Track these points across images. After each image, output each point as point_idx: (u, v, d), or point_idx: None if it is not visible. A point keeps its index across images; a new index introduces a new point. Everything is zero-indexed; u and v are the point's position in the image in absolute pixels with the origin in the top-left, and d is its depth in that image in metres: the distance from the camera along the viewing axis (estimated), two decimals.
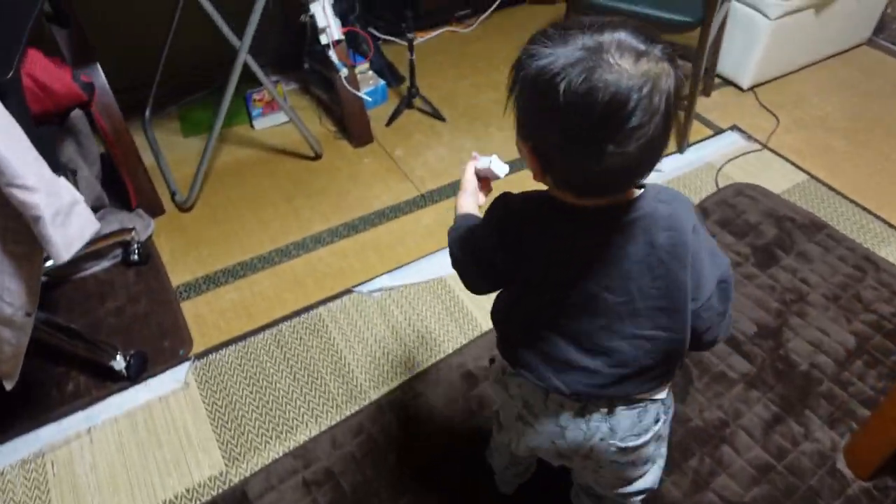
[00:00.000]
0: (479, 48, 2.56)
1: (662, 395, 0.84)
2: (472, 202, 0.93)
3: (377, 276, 1.67)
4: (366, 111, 2.09)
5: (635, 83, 0.59)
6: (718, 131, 2.15)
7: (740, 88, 2.30)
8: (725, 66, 2.29)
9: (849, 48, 2.50)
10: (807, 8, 2.15)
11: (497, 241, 0.79)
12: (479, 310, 1.58)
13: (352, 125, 2.08)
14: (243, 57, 1.76)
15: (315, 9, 1.84)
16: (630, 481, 0.93)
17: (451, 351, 1.50)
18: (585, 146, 0.62)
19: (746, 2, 2.13)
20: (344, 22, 1.98)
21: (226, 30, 1.72)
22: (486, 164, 0.92)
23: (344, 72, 1.94)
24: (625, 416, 0.82)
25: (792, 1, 2.09)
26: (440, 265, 1.70)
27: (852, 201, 1.87)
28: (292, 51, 2.26)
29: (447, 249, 0.90)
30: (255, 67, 1.81)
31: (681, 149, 2.06)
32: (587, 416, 0.82)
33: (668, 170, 1.99)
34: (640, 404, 0.82)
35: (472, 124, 2.19)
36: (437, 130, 2.17)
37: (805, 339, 1.53)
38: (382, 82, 2.25)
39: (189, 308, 1.60)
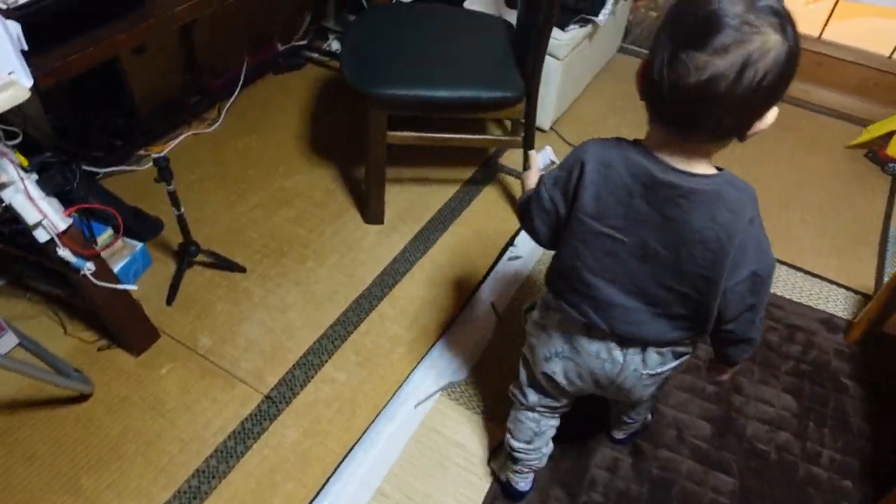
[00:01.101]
0: (236, 149, 2.02)
1: (689, 349, 0.97)
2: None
3: None
4: (135, 301, 1.46)
5: (733, 15, 0.68)
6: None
7: (543, 130, 2.16)
8: None
9: (609, 60, 2.52)
10: (583, 39, 2.06)
11: (566, 177, 0.87)
12: None
13: (122, 327, 1.44)
14: None
15: (11, 196, 1.17)
16: (641, 401, 1.17)
17: None
18: (683, 48, 0.69)
19: None
20: (66, 197, 1.31)
21: None
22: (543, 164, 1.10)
23: (88, 267, 1.30)
24: (654, 354, 0.95)
25: (575, 37, 1.97)
26: None
27: None
28: None
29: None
30: None
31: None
32: (624, 350, 0.94)
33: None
34: (668, 347, 0.94)
35: (281, 263, 1.69)
36: (242, 288, 1.63)
37: (756, 418, 1.42)
38: (139, 244, 1.62)
39: None
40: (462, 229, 1.82)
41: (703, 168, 0.79)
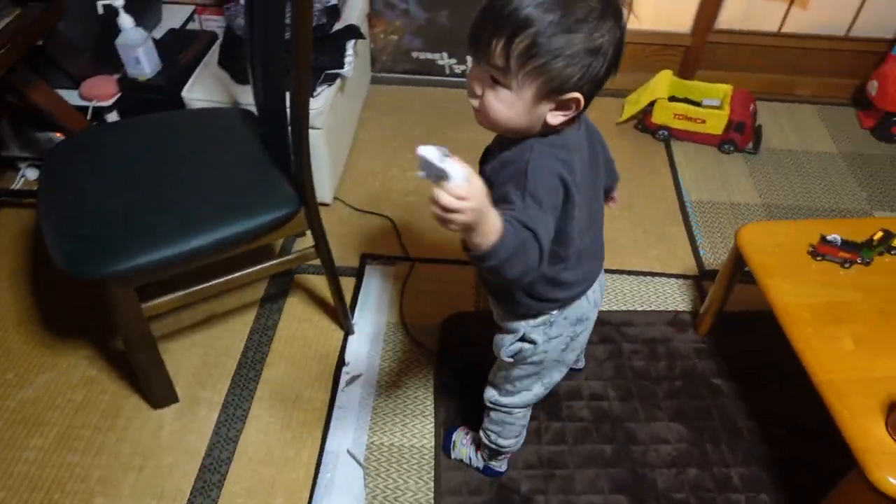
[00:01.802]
0: None
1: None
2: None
3: None
4: None
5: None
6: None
7: (326, 204, 1.88)
8: None
9: (365, 98, 2.29)
10: (336, 95, 1.80)
11: (553, 199, 0.80)
12: None
13: None
14: None
15: None
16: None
17: None
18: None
19: None
20: None
21: None
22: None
23: None
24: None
25: (328, 98, 1.71)
26: None
27: None
28: None
29: None
30: None
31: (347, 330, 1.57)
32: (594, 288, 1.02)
33: None
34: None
35: None
36: None
37: (661, 466, 1.34)
38: None
39: None
40: (279, 367, 1.50)
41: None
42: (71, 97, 1.71)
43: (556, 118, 0.78)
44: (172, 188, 1.25)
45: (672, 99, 2.17)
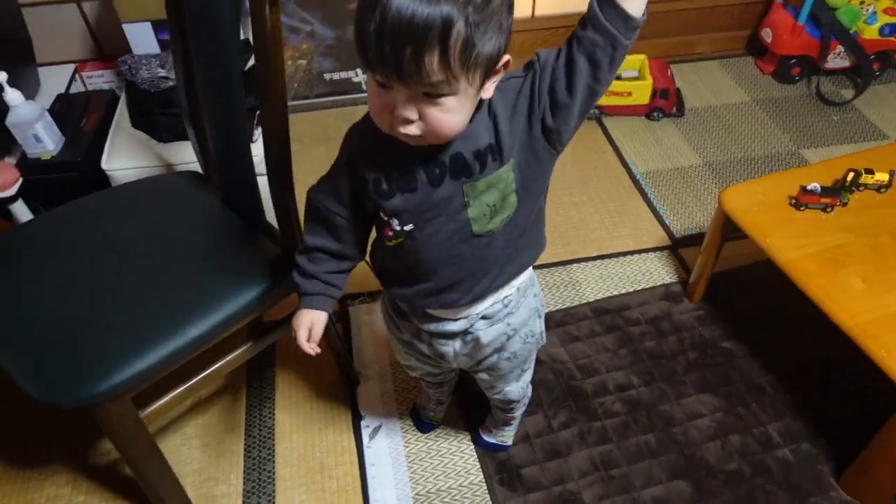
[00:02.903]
0: None
1: None
2: None
3: None
4: None
5: None
6: None
7: None
8: None
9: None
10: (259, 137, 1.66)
11: None
12: None
13: None
14: None
15: None
16: None
17: None
18: None
19: None
20: None
21: None
22: None
23: None
24: None
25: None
26: None
27: None
28: None
29: None
30: None
31: None
32: None
33: None
34: None
35: None
36: None
37: (704, 441, 1.35)
38: None
39: None
40: (291, 439, 1.36)
41: None
42: None
43: (489, 91, 0.72)
44: (148, 278, 1.09)
45: None
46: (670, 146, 2.10)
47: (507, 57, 0.70)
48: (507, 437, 1.31)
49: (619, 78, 2.20)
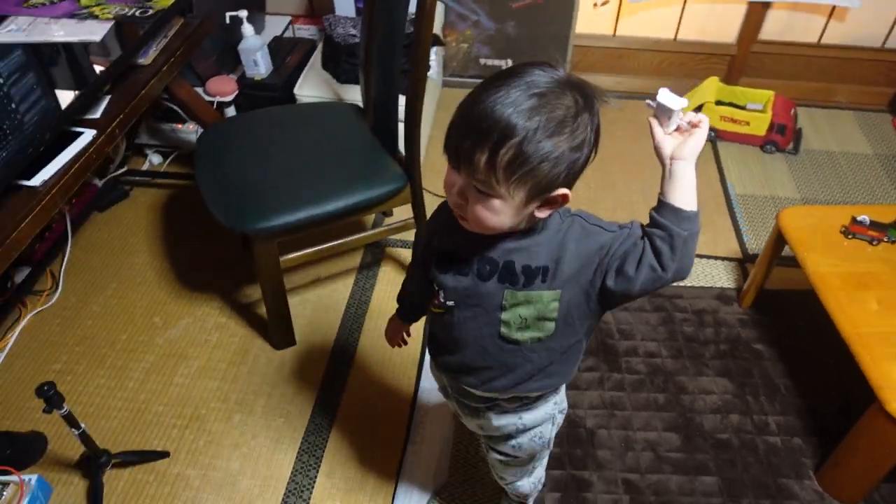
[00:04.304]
0: (94, 313, 1.76)
1: None
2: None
3: None
4: None
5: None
6: None
7: None
8: None
9: (438, 99, 2.56)
10: None
11: None
12: None
13: None
14: None
15: None
16: None
17: None
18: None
19: None
20: None
21: None
22: (666, 108, 0.79)
23: None
24: None
25: None
26: None
27: None
28: None
29: None
30: None
31: None
32: None
33: None
34: None
35: (206, 429, 1.52)
36: (173, 475, 1.43)
37: (707, 411, 1.55)
38: (33, 477, 1.36)
39: None
40: (378, 320, 1.76)
41: None
42: None
43: (544, 213, 0.77)
44: (305, 165, 1.53)
45: (718, 103, 2.38)
46: (774, 178, 2.25)
47: (563, 190, 0.74)
48: None
49: (742, 108, 2.38)
